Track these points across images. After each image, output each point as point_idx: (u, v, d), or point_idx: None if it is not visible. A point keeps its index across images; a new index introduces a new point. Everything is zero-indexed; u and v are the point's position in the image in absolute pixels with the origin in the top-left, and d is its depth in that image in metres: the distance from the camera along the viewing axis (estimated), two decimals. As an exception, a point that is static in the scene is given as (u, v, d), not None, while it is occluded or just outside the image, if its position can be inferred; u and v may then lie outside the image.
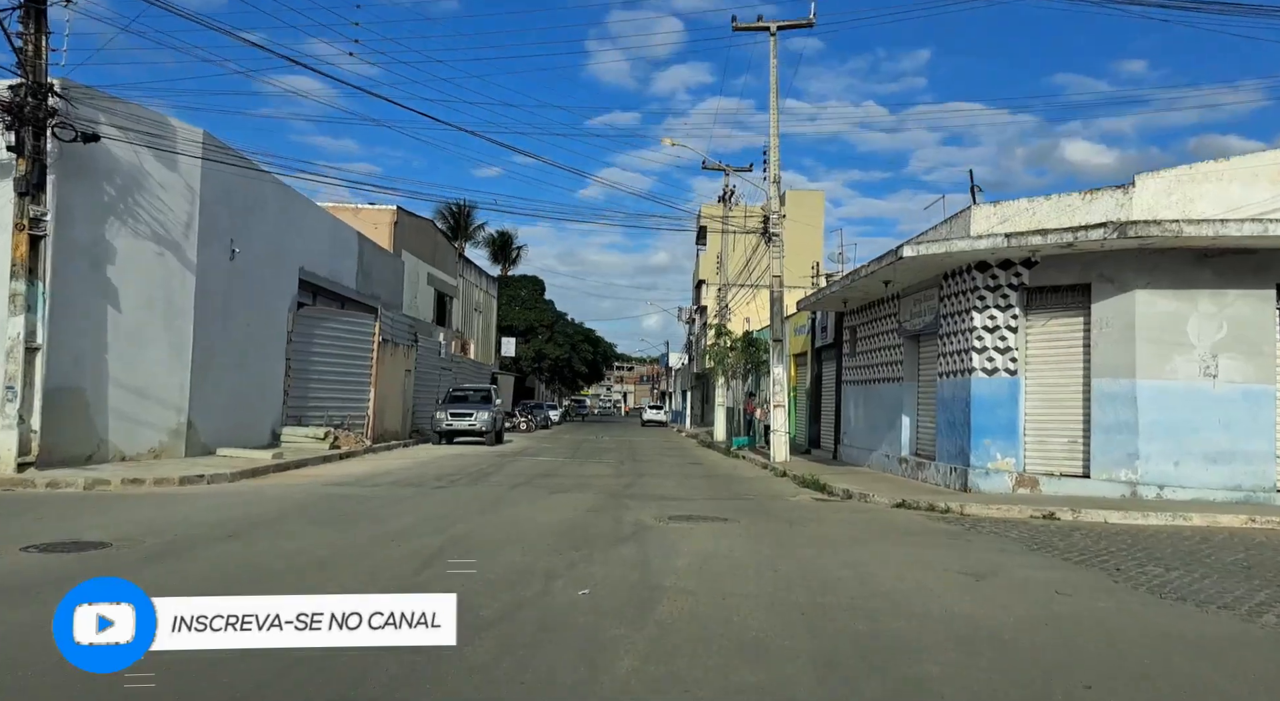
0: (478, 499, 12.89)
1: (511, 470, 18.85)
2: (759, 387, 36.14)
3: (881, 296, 19.75)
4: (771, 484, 17.73)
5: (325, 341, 23.09)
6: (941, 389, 16.24)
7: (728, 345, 31.70)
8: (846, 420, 22.90)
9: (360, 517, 10.56)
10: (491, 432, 28.45)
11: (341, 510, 11.22)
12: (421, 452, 24.30)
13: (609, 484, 16.13)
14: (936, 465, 16.18)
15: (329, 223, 25.30)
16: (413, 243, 38.63)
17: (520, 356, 66.85)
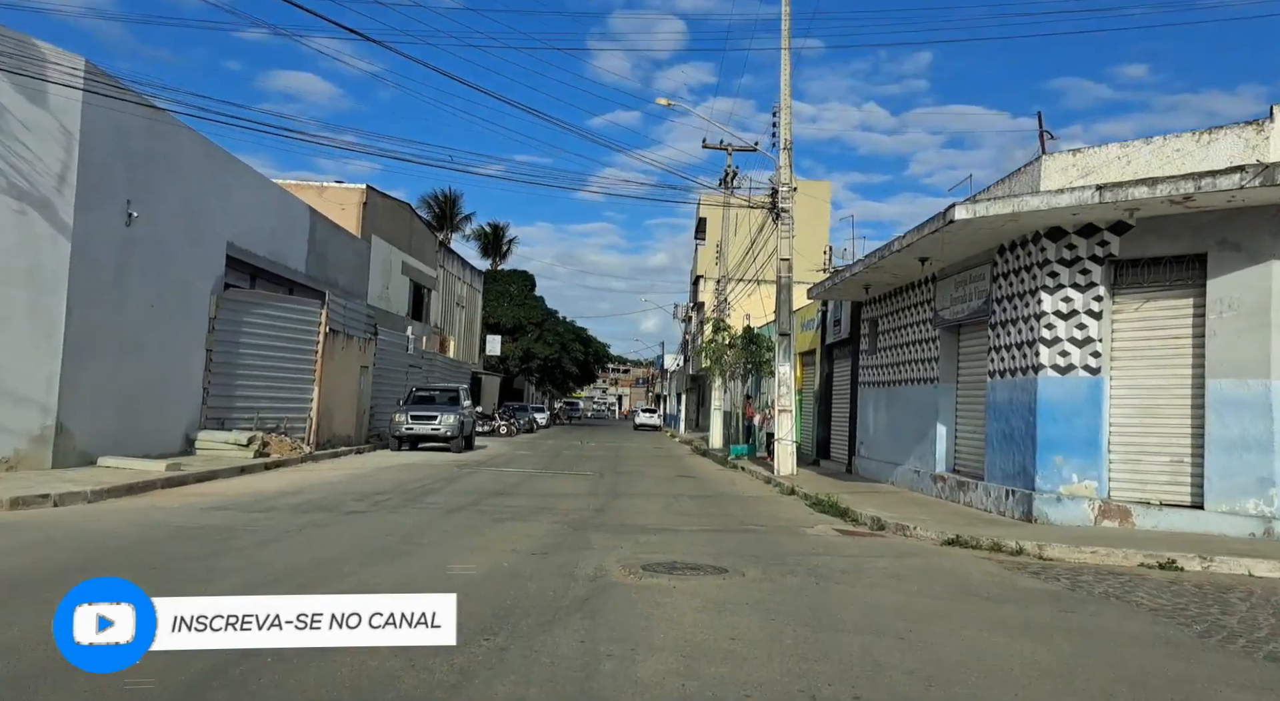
0: (391, 533, 9.60)
1: (464, 486, 15.57)
2: (759, 390, 32.88)
3: (913, 280, 16.51)
4: (779, 506, 14.47)
5: (259, 330, 19.80)
6: (994, 391, 13.00)
7: (726, 341, 28.45)
8: (864, 428, 19.65)
9: (173, 574, 7.27)
10: (458, 438, 25.16)
11: (165, 556, 7.91)
12: (371, 461, 21.01)
13: (577, 506, 12.87)
14: (986, 486, 12.93)
15: (271, 193, 22.00)
16: (385, 227, 35.37)
17: (507, 356, 63.53)
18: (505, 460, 23.31)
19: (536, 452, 27.72)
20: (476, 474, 18.30)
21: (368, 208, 33.12)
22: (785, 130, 20.65)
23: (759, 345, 26.17)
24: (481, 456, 24.36)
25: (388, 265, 35.93)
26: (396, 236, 37.00)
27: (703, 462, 26.48)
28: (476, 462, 21.57)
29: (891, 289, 17.75)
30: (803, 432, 25.12)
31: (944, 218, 11.85)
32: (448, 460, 21.94)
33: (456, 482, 16.02)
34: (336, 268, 26.82)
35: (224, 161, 19.14)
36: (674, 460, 27.27)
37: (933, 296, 15.69)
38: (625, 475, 19.75)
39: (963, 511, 12.99)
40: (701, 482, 18.79)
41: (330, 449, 22.20)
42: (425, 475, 17.30)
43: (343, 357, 23.29)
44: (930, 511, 12.93)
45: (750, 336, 26.38)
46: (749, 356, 26.41)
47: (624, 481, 18.01)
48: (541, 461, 23.45)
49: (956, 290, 14.64)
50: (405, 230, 38.57)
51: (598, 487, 16.18)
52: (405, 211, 38.67)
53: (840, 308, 21.89)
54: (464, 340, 51.59)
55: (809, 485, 17.06)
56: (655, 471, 21.42)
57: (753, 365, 26.94)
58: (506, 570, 7.62)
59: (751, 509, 13.80)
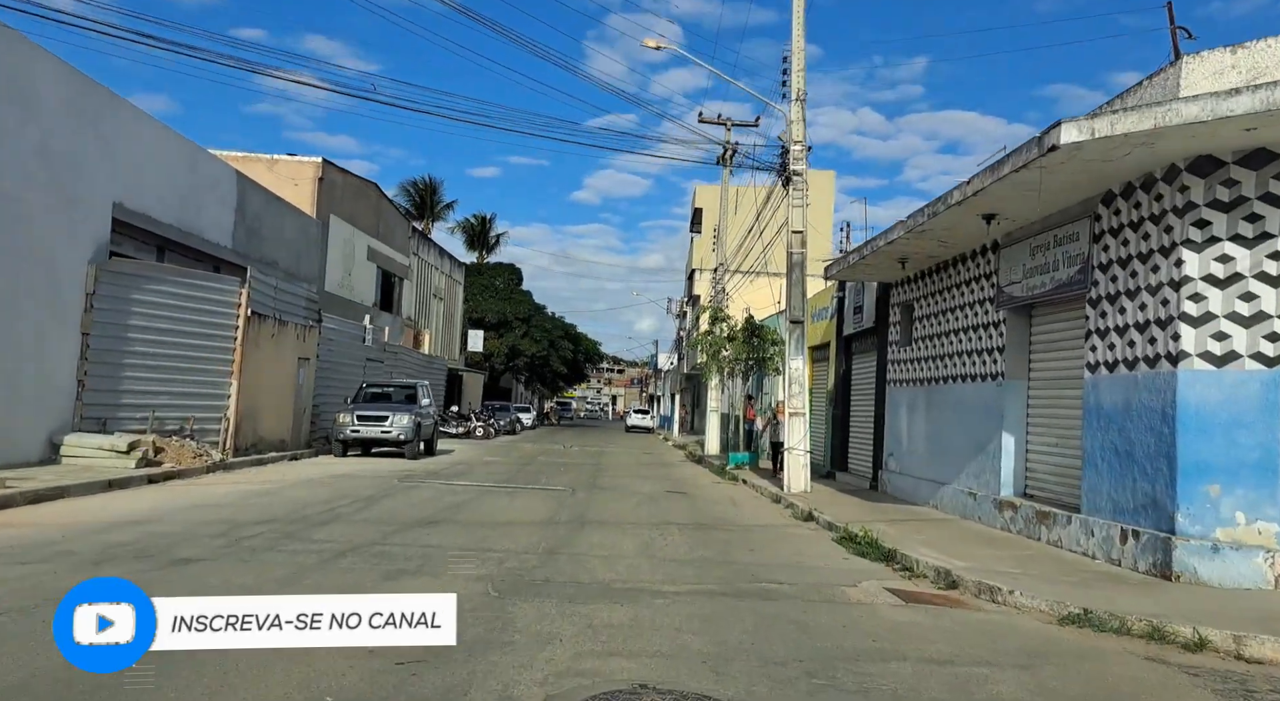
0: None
1: (384, 509, 11.99)
2: (761, 389, 29.33)
3: (966, 249, 13.00)
4: (799, 541, 10.92)
5: (156, 310, 16.21)
6: (1095, 391, 9.48)
7: (724, 334, 24.88)
8: (894, 436, 16.12)
9: None
10: (414, 442, 21.58)
11: None
12: (298, 471, 17.42)
13: (522, 545, 9.31)
14: (1086, 521, 9.40)
15: (178, 149, 18.35)
16: (346, 207, 31.80)
17: (492, 353, 59.88)
18: (464, 469, 19.73)
19: (507, 459, 24.14)
20: (417, 489, 14.74)
21: (324, 184, 29.54)
22: (798, 78, 17.13)
23: (762, 338, 22.65)
24: (438, 464, 20.78)
25: (350, 249, 32.39)
26: (361, 218, 33.44)
27: (697, 472, 22.93)
28: (427, 473, 17.99)
29: (934, 263, 14.22)
30: (813, 440, 21.54)
31: (1040, 145, 8.31)
32: (394, 469, 18.36)
33: (379, 504, 12.45)
34: (276, 245, 23.22)
35: (106, 103, 15.53)
36: (664, 469, 23.72)
37: (994, 268, 12.17)
38: (603, 491, 16.19)
39: (1055, 556, 9.45)
40: (695, 502, 15.24)
41: (255, 455, 18.61)
42: (347, 492, 13.73)
43: (273, 347, 19.69)
44: (1009, 555, 9.41)
45: (752, 328, 22.86)
46: (751, 351, 22.87)
47: (599, 501, 14.45)
48: (508, 471, 19.88)
49: (1032, 257, 11.10)
50: (371, 212, 34.99)
51: (561, 511, 12.62)
52: (371, 191, 35.07)
53: (862, 292, 18.36)
54: (442, 335, 47.97)
55: (830, 507, 13.52)
56: (640, 485, 17.86)
57: (755, 361, 23.43)
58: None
59: (763, 548, 10.23)
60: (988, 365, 12.29)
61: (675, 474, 22.17)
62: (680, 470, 23.67)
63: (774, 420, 19.86)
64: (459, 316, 52.84)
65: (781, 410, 19.48)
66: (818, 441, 21.54)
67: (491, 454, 26.27)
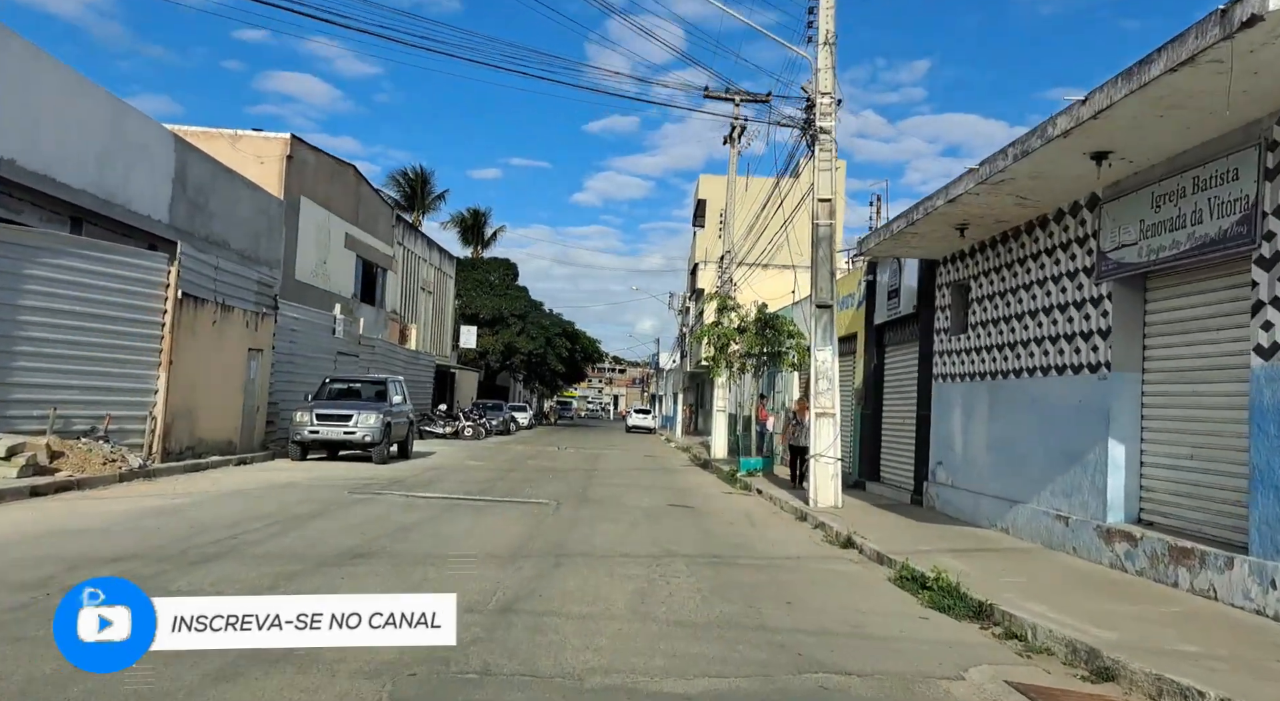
0: None
1: (302, 537, 9.27)
2: (773, 388, 26.64)
3: (1051, 208, 10.29)
4: (848, 585, 8.19)
5: (58, 289, 13.53)
6: (1274, 387, 6.78)
7: (733, 325, 22.15)
8: (943, 441, 13.42)
9: None
10: (382, 444, 18.89)
11: None
12: (232, 480, 14.75)
13: (468, 597, 6.58)
14: (1263, 568, 6.70)
15: (94, 102, 15.60)
16: (320, 190, 29.16)
17: (487, 350, 57.11)
18: (436, 476, 17.05)
19: (492, 462, 21.47)
20: (366, 504, 12.06)
21: (294, 163, 26.89)
22: (826, 19, 14.46)
23: (777, 330, 19.93)
24: (409, 470, 18.09)
25: (324, 235, 29.74)
26: (338, 203, 30.79)
27: (704, 480, 20.24)
28: (389, 482, 15.30)
29: (1003, 230, 11.51)
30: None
31: (1225, 21, 5.63)
32: (352, 477, 15.69)
33: (303, 528, 9.75)
34: (228, 224, 20.55)
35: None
36: (667, 476, 21.03)
37: (1094, 230, 9.47)
38: (594, 506, 13.51)
39: (1220, 615, 6.75)
40: (705, 521, 12.53)
41: (192, 459, 15.96)
42: (271, 510, 11.03)
43: (215, 336, 17.00)
44: (1153, 614, 6.71)
45: (766, 319, 20.14)
46: (763, 344, 20.15)
47: (587, 519, 11.76)
48: (488, 478, 17.19)
49: (1155, 210, 8.40)
50: (350, 197, 32.33)
51: (536, 537, 9.91)
52: (349, 174, 32.39)
53: (899, 273, 15.67)
54: (431, 330, 45.31)
55: (872, 529, 10.85)
56: (639, 496, 15.17)
57: (768, 356, 20.71)
58: None
59: (804, 598, 7.50)
60: (1084, 354, 9.59)
61: (679, 481, 19.48)
62: (684, 477, 20.98)
63: (794, 421, 17.13)
64: (450, 311, 50.16)
65: (804, 409, 16.81)
66: (843, 446, 18.83)
67: (476, 457, 23.59)
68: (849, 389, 18.81)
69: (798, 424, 16.80)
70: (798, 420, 16.84)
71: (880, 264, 16.64)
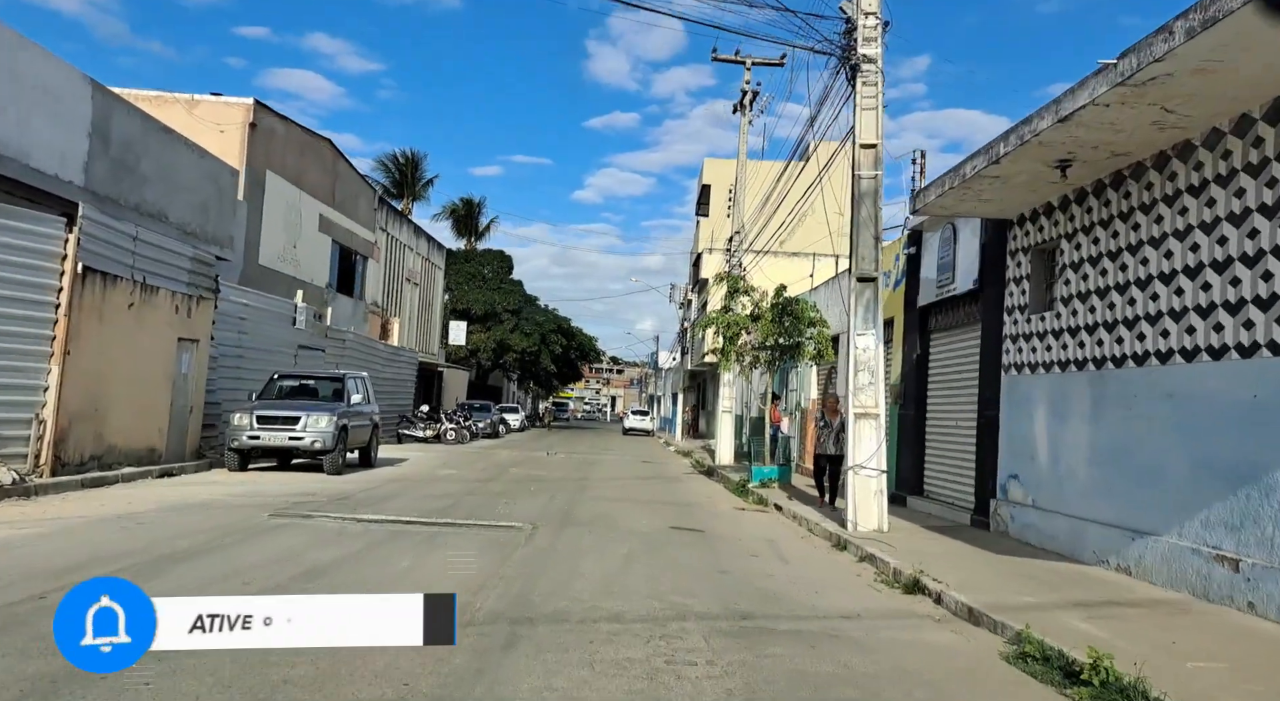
0: None
1: (161, 587, 6.50)
2: (786, 386, 23.85)
3: (1205, 127, 7.50)
4: (963, 686, 5.39)
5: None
6: None
7: (746, 311, 19.31)
8: (1021, 449, 10.63)
9: None
10: (335, 450, 16.08)
11: None
12: (133, 497, 11.95)
13: None
14: None
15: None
16: (289, 164, 26.42)
17: (478, 348, 54.31)
18: (395, 490, 14.25)
19: (468, 472, 18.70)
20: (281, 534, 9.29)
21: (258, 132, 24.11)
22: (868, -71, 11.65)
23: (796, 317, 17.12)
24: (363, 482, 15.29)
25: (294, 216, 26.97)
26: (311, 180, 28.03)
27: (710, 491, 17.48)
28: (330, 499, 12.51)
29: (1118, 169, 8.72)
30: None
31: None
32: (288, 492, 12.91)
33: (162, 577, 6.95)
34: (165, 193, 17.74)
35: None
36: (668, 486, 18.27)
37: (1275, 153, 6.70)
38: (578, 528, 10.72)
39: None
40: (720, 553, 9.73)
41: (97, 471, 13.18)
42: (140, 546, 8.23)
43: (130, 321, 14.21)
44: None
45: (784, 304, 17.33)
46: (780, 333, 17.34)
47: (566, 551, 8.97)
48: (456, 493, 14.41)
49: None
50: (325, 173, 29.56)
51: (490, 587, 7.10)
52: (324, 149, 29.62)
53: (953, 242, 12.91)
54: (418, 324, 42.44)
55: (943, 567, 8.09)
56: (634, 515, 12.38)
57: (785, 349, 17.93)
58: None
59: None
60: (1261, 328, 6.82)
61: (682, 493, 16.69)
62: (688, 487, 18.21)
63: (823, 424, 14.28)
64: (438, 305, 47.22)
65: (834, 410, 14.02)
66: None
67: (452, 464, 20.82)
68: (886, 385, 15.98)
69: (826, 427, 13.97)
70: (826, 422, 14.02)
71: (927, 233, 13.87)
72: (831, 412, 13.96)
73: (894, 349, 15.41)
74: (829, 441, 13.80)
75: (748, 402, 28.91)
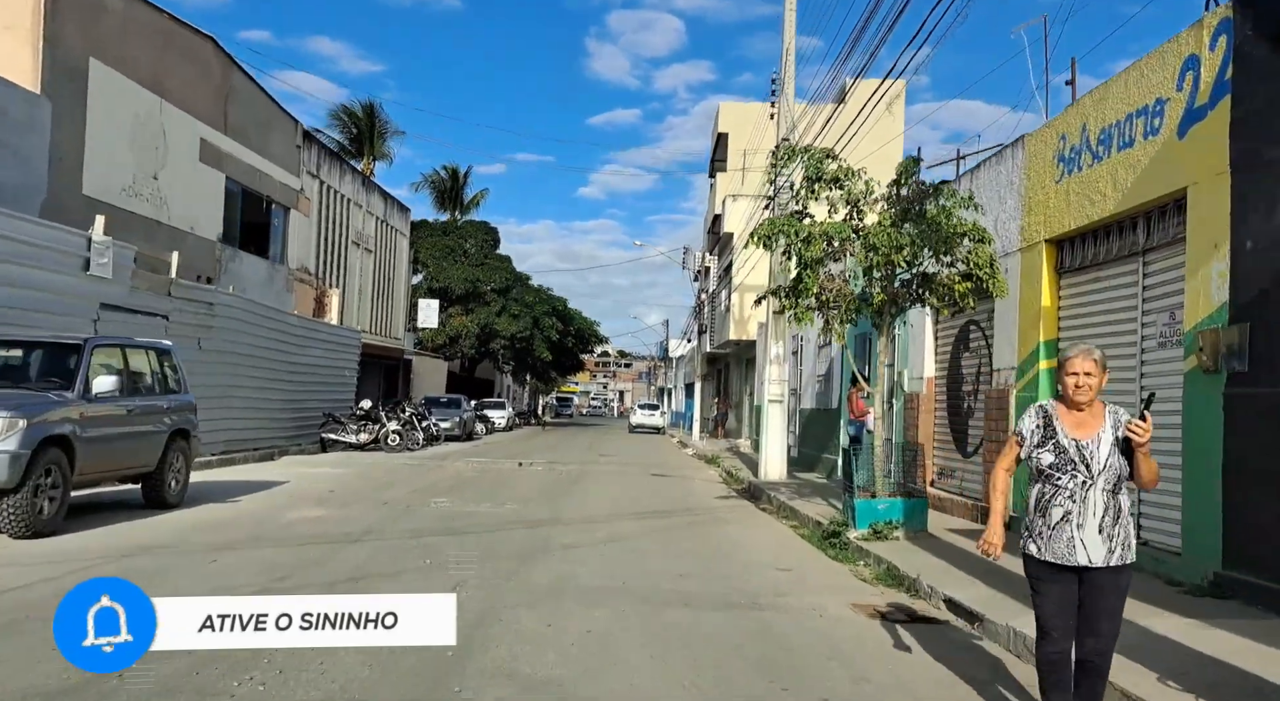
0: None
1: None
2: (868, 359, 15.29)
3: None
4: None
5: None
6: None
7: (847, 204, 10.33)
8: None
9: None
10: (20, 490, 7.88)
11: None
12: None
13: None
14: None
15: None
16: (139, 58, 18.48)
17: (459, 333, 45.86)
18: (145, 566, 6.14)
19: (345, 512, 10.57)
20: None
21: (66, 5, 16.10)
22: None
23: (947, 214, 8.79)
24: (61, 554, 7.14)
25: (153, 135, 18.94)
26: (181, 90, 19.93)
27: (776, 544, 9.24)
28: None
29: None
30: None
31: None
32: None
33: None
34: None
35: None
36: (693, 536, 10.03)
37: None
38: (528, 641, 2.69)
39: None
40: None
41: None
42: None
43: None
44: None
45: (923, 191, 8.98)
46: (912, 245, 8.94)
47: None
48: (241, 584, 6.24)
49: None
50: (208, 87, 21.42)
51: None
52: (206, 49, 21.40)
53: None
54: (373, 302, 34.13)
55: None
56: (628, 671, 4.20)
57: (921, 279, 9.61)
58: None
59: None
60: None
61: (726, 557, 8.46)
62: (733, 539, 9.99)
63: (1046, 425, 4.00)
64: (404, 280, 38.71)
65: (1083, 386, 4.52)
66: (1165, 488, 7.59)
67: (346, 491, 12.72)
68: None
69: (1063, 467, 3.90)
70: (1055, 443, 3.62)
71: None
72: (1084, 402, 3.84)
73: (1195, 251, 7.10)
74: (1080, 510, 3.82)
75: (798, 387, 20.66)
